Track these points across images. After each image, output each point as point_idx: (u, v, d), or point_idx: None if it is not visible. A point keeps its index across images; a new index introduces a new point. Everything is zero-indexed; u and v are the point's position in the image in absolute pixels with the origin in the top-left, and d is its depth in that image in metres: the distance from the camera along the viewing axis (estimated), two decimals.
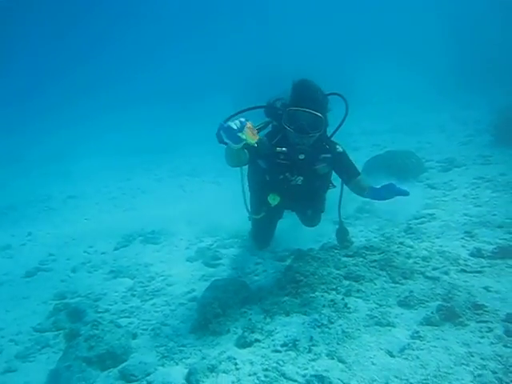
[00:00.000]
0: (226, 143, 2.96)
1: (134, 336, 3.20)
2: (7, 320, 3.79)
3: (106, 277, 4.48)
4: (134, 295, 4.00)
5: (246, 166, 3.82)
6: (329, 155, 3.48)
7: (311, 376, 2.52)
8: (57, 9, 28.52)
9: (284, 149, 3.32)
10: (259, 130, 3.55)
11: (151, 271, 4.47)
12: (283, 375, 2.60)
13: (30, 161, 12.27)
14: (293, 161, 3.40)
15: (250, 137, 2.81)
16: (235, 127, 2.73)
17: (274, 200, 3.64)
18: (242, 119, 2.79)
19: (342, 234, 4.09)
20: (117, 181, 9.29)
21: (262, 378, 2.60)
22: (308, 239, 4.40)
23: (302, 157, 3.35)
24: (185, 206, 6.29)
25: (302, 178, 3.53)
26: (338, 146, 3.54)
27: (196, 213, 5.81)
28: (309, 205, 3.90)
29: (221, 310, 3.33)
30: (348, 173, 3.62)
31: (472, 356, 2.50)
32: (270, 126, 3.68)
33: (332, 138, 3.65)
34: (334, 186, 3.85)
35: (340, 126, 3.55)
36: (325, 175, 3.67)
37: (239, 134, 2.74)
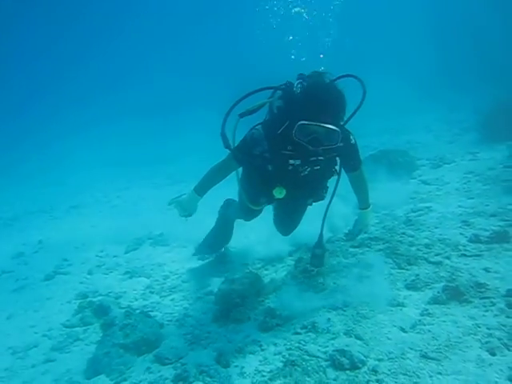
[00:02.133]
0: (229, 149, 3.26)
1: (161, 326, 3.39)
2: (37, 318, 3.97)
3: (122, 277, 4.66)
4: (152, 292, 4.18)
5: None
6: (341, 144, 3.01)
7: (333, 351, 2.74)
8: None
9: (298, 161, 3.03)
10: (252, 112, 3.27)
11: (165, 270, 4.66)
12: (306, 352, 2.82)
13: (24, 173, 12.34)
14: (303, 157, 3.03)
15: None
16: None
17: (280, 194, 3.27)
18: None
19: (320, 252, 3.70)
20: (115, 190, 9.45)
21: (287, 356, 2.82)
22: (313, 235, 4.62)
23: (317, 167, 3.09)
24: None
25: (309, 169, 3.14)
26: (351, 137, 3.21)
27: (200, 215, 5.97)
28: (311, 193, 3.52)
29: (240, 300, 3.53)
30: (350, 164, 3.42)
31: (479, 327, 2.75)
32: (267, 106, 3.36)
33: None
34: (337, 173, 3.46)
35: (355, 112, 3.15)
36: (331, 163, 3.37)
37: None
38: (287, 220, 3.97)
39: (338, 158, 3.36)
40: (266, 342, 3.04)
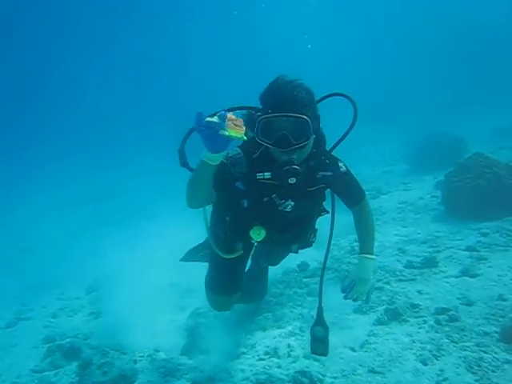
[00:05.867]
0: (190, 169, 2.42)
1: (135, 362, 3.63)
2: (3, 367, 3.98)
3: (88, 318, 4.80)
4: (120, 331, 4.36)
5: None
6: (329, 173, 2.55)
7: (295, 372, 3.14)
8: None
9: (267, 174, 2.33)
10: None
11: (130, 308, 4.83)
12: (271, 376, 3.20)
13: None
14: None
15: (235, 131, 1.95)
16: (215, 122, 1.88)
17: (258, 235, 2.63)
18: (222, 112, 1.93)
19: (322, 333, 3.02)
20: (69, 231, 9.34)
21: (255, 381, 3.18)
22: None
23: (292, 181, 2.29)
24: (150, 247, 6.61)
25: (292, 204, 2.56)
26: (340, 164, 2.64)
27: (163, 252, 6.18)
28: (297, 238, 2.91)
29: (206, 332, 3.86)
30: (351, 197, 2.86)
31: (414, 342, 3.27)
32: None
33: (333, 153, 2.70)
34: (327, 212, 2.92)
35: (345, 136, 2.64)
36: (320, 199, 2.78)
37: (221, 132, 1.90)
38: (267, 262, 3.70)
39: (328, 192, 2.79)
40: (234, 369, 3.38)
